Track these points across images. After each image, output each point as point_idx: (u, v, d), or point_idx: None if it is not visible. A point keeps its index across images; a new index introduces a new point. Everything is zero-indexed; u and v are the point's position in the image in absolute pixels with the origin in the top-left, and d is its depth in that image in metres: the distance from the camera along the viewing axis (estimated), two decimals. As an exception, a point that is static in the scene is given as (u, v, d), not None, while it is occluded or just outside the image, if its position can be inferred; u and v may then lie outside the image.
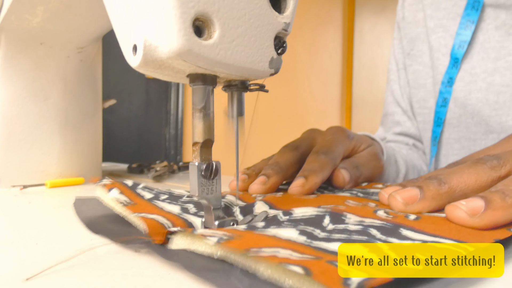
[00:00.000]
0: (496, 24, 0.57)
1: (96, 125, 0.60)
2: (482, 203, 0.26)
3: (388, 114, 0.76)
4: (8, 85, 0.50)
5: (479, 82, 0.59)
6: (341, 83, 3.13)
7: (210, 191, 0.26)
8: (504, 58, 0.57)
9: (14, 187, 0.50)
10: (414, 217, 0.27)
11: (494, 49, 0.58)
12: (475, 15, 0.58)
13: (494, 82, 0.58)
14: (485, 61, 0.58)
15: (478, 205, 0.26)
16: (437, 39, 0.64)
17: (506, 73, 0.57)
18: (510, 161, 0.31)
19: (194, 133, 0.26)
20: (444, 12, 0.64)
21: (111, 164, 0.91)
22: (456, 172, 0.31)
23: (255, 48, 0.25)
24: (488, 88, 0.58)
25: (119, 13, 0.25)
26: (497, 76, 0.57)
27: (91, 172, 0.58)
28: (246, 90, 0.30)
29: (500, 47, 0.57)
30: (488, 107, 0.58)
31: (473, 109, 0.59)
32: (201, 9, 0.22)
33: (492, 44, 0.58)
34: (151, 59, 0.23)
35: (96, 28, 0.52)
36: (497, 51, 0.58)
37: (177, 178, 0.64)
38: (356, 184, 0.45)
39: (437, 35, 0.64)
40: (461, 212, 0.26)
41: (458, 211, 0.26)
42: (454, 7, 0.62)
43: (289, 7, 0.27)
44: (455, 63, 0.60)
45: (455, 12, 0.62)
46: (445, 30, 0.63)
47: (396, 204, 0.30)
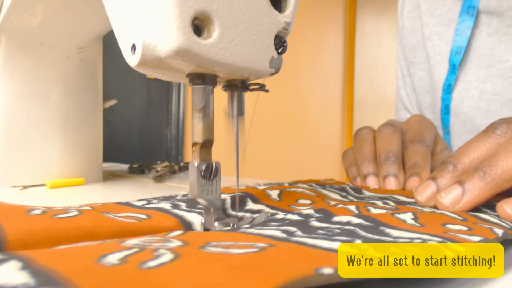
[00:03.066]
0: (489, 31, 0.57)
1: (96, 125, 0.60)
2: (460, 191, 0.28)
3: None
4: (8, 85, 0.50)
5: (471, 90, 0.58)
6: (342, 83, 3.13)
7: (210, 192, 0.26)
8: (495, 66, 0.57)
9: (14, 187, 0.50)
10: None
11: (486, 56, 0.57)
12: (470, 20, 0.58)
13: (486, 90, 0.57)
14: (478, 69, 0.58)
15: (457, 193, 0.29)
16: (432, 47, 0.64)
17: (497, 81, 0.56)
18: None
19: (193, 134, 0.26)
20: (439, 19, 0.63)
21: (112, 165, 0.91)
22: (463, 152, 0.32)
23: (255, 47, 0.25)
24: (480, 96, 0.58)
25: (118, 12, 0.25)
26: (488, 84, 0.57)
27: (91, 172, 0.58)
28: (246, 90, 0.29)
29: (492, 54, 0.57)
30: (479, 115, 0.58)
31: (465, 117, 0.59)
32: (200, 8, 0.22)
33: (484, 51, 0.57)
34: (150, 59, 0.23)
35: (96, 28, 0.52)
36: (488, 58, 0.57)
37: (178, 179, 0.64)
38: None
39: (432, 42, 0.64)
40: (443, 205, 0.29)
41: (440, 204, 0.29)
42: (449, 13, 0.62)
43: (290, 6, 0.27)
44: (453, 69, 0.60)
45: (450, 18, 0.62)
46: (440, 37, 0.63)
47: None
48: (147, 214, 0.27)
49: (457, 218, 0.26)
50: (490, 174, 0.28)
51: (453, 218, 0.26)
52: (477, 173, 0.29)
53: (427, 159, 0.44)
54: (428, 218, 0.25)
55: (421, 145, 0.45)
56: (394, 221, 0.24)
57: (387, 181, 0.43)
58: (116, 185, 0.57)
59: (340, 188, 0.41)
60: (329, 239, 0.20)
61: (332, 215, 0.26)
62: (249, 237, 0.20)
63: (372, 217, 0.24)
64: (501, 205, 0.27)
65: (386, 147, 0.45)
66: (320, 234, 0.21)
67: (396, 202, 0.35)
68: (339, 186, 0.42)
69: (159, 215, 0.27)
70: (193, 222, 0.28)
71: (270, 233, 0.21)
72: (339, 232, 0.21)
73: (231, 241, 0.19)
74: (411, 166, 0.43)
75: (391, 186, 0.43)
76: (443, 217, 0.26)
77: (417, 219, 0.25)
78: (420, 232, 0.22)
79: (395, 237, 0.21)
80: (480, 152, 0.32)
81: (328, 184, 0.43)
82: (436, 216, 0.26)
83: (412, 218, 0.25)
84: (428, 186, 0.32)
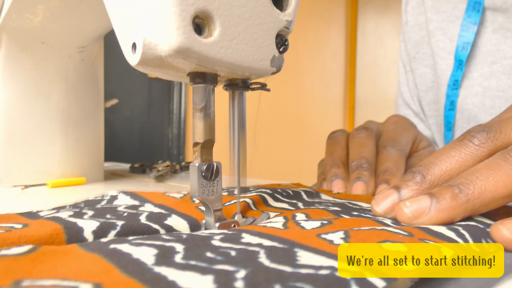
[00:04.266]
0: (493, 27, 0.57)
1: (98, 124, 0.60)
2: (427, 203, 0.24)
3: None
4: (9, 85, 0.50)
5: (475, 87, 0.58)
6: (344, 83, 3.13)
7: (210, 192, 0.26)
8: (500, 62, 0.56)
9: (15, 187, 0.50)
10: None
11: (491, 52, 0.57)
12: (476, 16, 0.57)
13: (490, 87, 0.57)
14: (482, 65, 0.58)
15: (423, 205, 0.24)
16: (436, 43, 0.64)
17: (502, 77, 0.56)
18: (504, 131, 0.28)
19: (194, 133, 0.26)
20: (444, 15, 0.63)
21: (113, 164, 0.91)
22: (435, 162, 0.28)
23: (256, 46, 0.25)
24: (484, 92, 0.57)
25: (118, 11, 0.25)
26: (493, 80, 0.57)
27: (93, 172, 0.58)
28: (248, 89, 0.29)
29: (496, 51, 0.56)
30: (484, 112, 0.57)
31: (469, 114, 0.59)
32: (201, 6, 0.22)
33: (489, 48, 0.57)
34: (151, 58, 0.23)
35: (97, 27, 0.52)
36: (493, 55, 0.57)
37: (179, 178, 0.64)
38: None
39: (436, 38, 0.64)
40: (404, 215, 0.25)
41: (401, 213, 0.25)
42: (454, 10, 0.62)
43: (291, 5, 0.27)
44: (460, 65, 0.59)
45: (454, 15, 0.62)
46: (444, 33, 0.63)
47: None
48: (26, 223, 0.24)
49: (399, 233, 0.21)
50: (467, 194, 0.24)
51: (395, 233, 0.21)
52: (451, 190, 0.25)
53: (399, 165, 0.41)
54: (362, 236, 0.21)
55: (394, 150, 0.42)
56: (316, 243, 0.20)
57: (355, 186, 0.39)
58: (117, 184, 0.57)
59: (294, 194, 0.37)
60: (205, 269, 0.16)
61: (242, 234, 0.21)
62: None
63: (288, 240, 0.20)
64: (497, 226, 0.22)
65: (359, 153, 0.42)
66: (202, 259, 0.17)
67: (346, 210, 0.30)
68: (292, 192, 0.37)
69: (39, 222, 0.24)
70: (84, 228, 0.24)
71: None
72: (232, 257, 0.17)
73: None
74: (381, 172, 0.40)
75: (357, 191, 0.39)
76: (382, 233, 0.21)
77: (348, 238, 0.20)
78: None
79: (300, 265, 0.17)
80: (454, 163, 0.28)
81: (280, 188, 0.38)
82: (375, 233, 0.21)
83: (342, 238, 0.20)
84: (388, 195, 0.28)
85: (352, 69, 3.13)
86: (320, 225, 0.23)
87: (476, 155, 0.27)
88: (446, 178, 0.27)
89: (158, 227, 0.26)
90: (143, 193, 0.35)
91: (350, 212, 0.30)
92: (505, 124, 0.28)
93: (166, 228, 0.26)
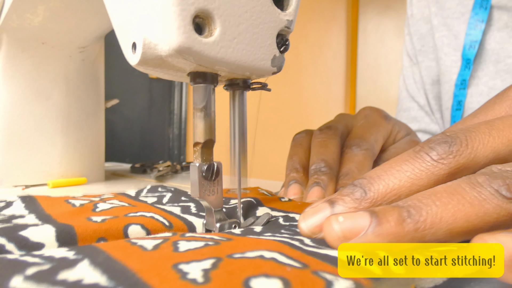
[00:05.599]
0: (499, 26, 0.56)
1: (98, 124, 0.60)
2: (366, 223, 0.19)
3: (403, 110, 0.72)
4: (10, 85, 0.50)
5: (481, 86, 0.58)
6: (345, 83, 3.12)
7: (211, 192, 0.26)
8: (504, 61, 0.56)
9: (16, 187, 0.50)
10: None
11: (495, 51, 0.57)
12: (484, 13, 0.56)
13: (496, 87, 0.56)
14: (487, 64, 0.57)
15: (360, 224, 0.19)
16: (440, 38, 0.63)
17: (507, 76, 0.55)
18: (471, 144, 0.22)
19: (195, 133, 0.26)
20: (448, 12, 0.63)
21: (114, 164, 0.91)
22: (381, 175, 0.23)
23: (257, 46, 0.25)
24: (489, 92, 0.57)
25: (118, 10, 0.25)
26: (498, 80, 0.56)
27: (93, 172, 0.58)
28: (248, 89, 0.29)
29: (500, 49, 0.56)
30: None
31: None
32: (201, 6, 0.22)
33: (493, 46, 0.57)
34: (151, 57, 0.23)
35: (97, 28, 0.52)
36: (497, 53, 0.56)
37: (180, 178, 0.64)
38: None
39: (440, 33, 0.63)
40: (333, 233, 0.19)
41: (330, 230, 0.19)
42: (459, 6, 0.61)
43: (292, 4, 0.27)
44: (467, 64, 0.58)
45: (459, 11, 0.61)
46: (449, 29, 0.62)
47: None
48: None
49: (290, 265, 0.16)
50: (417, 220, 0.19)
51: (283, 265, 0.16)
52: (398, 212, 0.19)
53: (364, 166, 0.37)
54: (234, 268, 0.15)
55: (360, 149, 0.38)
56: (161, 278, 0.14)
57: (311, 192, 0.35)
58: (118, 184, 0.57)
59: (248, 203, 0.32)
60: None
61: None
62: None
63: (130, 271, 0.15)
64: (483, 237, 0.18)
65: (319, 155, 0.38)
66: None
67: (273, 227, 0.26)
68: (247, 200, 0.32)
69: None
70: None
71: None
72: None
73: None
74: (342, 176, 0.37)
75: (312, 197, 0.34)
76: (266, 264, 0.16)
77: (213, 269, 0.15)
78: None
79: None
80: (404, 180, 0.22)
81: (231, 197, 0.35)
82: (256, 263, 0.16)
83: (205, 269, 0.15)
84: (319, 210, 0.22)
85: (353, 69, 3.12)
86: (204, 245, 0.18)
87: (433, 173, 0.22)
88: (393, 198, 0.22)
89: (5, 241, 0.21)
90: (44, 199, 0.32)
91: (279, 229, 0.25)
92: (473, 134, 0.22)
93: (17, 240, 0.21)
